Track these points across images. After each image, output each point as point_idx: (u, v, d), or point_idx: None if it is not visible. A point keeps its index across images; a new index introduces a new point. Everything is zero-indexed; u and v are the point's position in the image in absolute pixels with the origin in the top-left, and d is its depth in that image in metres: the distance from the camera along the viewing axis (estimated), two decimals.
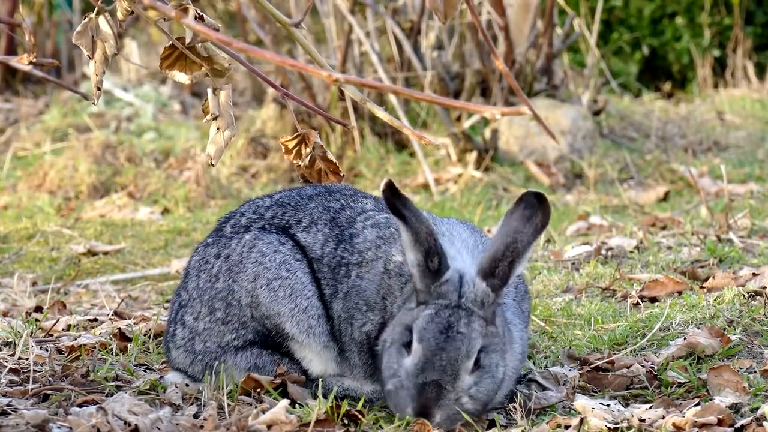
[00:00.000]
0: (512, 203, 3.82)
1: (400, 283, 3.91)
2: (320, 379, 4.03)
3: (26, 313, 5.41)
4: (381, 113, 3.82)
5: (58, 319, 5.13)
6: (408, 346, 3.73)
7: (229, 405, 3.88)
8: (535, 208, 3.78)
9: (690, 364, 4.31)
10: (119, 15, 3.87)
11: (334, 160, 4.25)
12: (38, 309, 5.50)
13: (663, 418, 3.82)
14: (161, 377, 4.25)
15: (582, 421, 3.75)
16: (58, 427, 3.67)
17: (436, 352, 3.67)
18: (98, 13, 3.92)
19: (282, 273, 4.04)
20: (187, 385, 4.12)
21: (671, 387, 4.17)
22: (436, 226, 4.00)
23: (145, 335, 4.86)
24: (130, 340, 4.77)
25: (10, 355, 4.49)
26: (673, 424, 3.75)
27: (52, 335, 4.92)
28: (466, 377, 3.70)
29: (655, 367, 4.27)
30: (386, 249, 4.00)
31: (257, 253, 4.07)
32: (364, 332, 3.97)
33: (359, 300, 3.99)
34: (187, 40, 3.89)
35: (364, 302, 3.98)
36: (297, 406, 3.92)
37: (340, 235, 4.09)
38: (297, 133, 4.20)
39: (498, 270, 3.76)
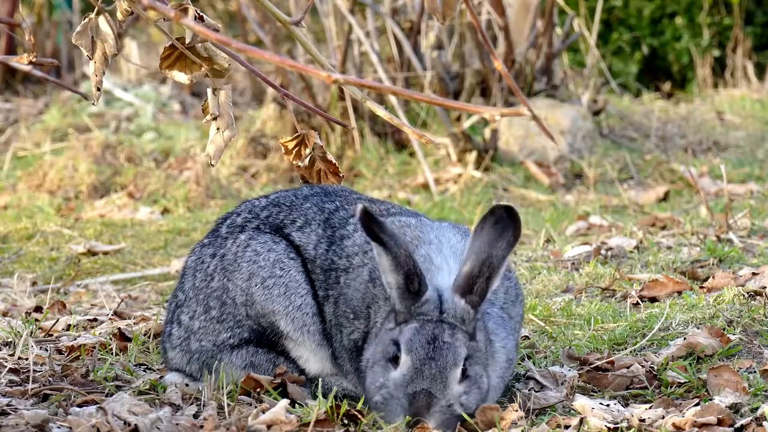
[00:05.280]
0: (481, 217, 3.80)
1: (385, 293, 3.91)
2: (320, 379, 4.04)
3: (26, 313, 5.40)
4: (381, 111, 3.82)
5: (57, 319, 5.13)
6: (394, 360, 3.75)
7: (228, 405, 3.88)
8: (506, 222, 3.77)
9: (690, 364, 4.31)
10: (119, 15, 3.87)
11: (334, 161, 4.25)
12: (38, 309, 5.50)
13: (663, 418, 3.82)
14: (161, 377, 4.26)
15: (582, 421, 3.75)
16: (58, 427, 3.67)
17: (425, 361, 3.70)
18: (98, 13, 3.92)
19: (276, 271, 4.05)
20: (186, 385, 4.12)
21: (671, 387, 4.17)
22: (424, 234, 4.01)
23: (144, 335, 4.86)
24: (129, 340, 4.77)
25: (10, 355, 4.49)
26: (673, 424, 3.75)
27: (51, 335, 4.92)
28: (455, 386, 3.72)
29: (655, 367, 4.27)
30: (372, 255, 4.00)
31: (251, 252, 4.09)
32: (352, 340, 3.99)
33: (346, 308, 4.01)
34: (187, 40, 3.89)
35: (351, 310, 4.00)
36: (297, 406, 3.92)
37: (332, 236, 4.11)
38: (297, 134, 4.20)
39: (476, 287, 3.77)
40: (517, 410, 3.80)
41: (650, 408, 3.92)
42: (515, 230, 3.78)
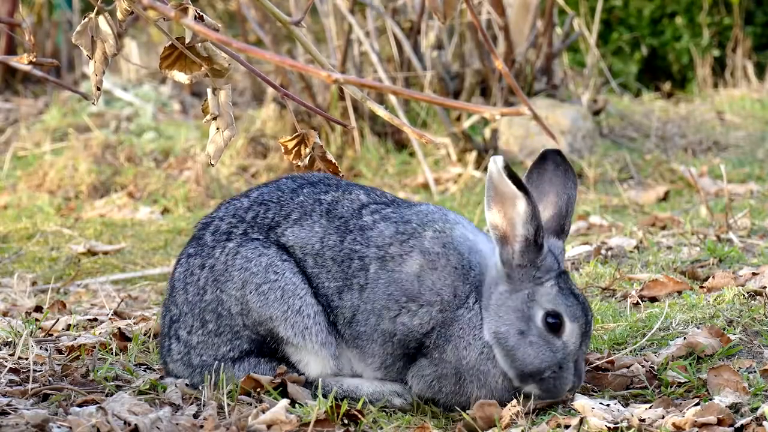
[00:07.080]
0: (534, 163, 4.02)
1: (464, 276, 3.96)
2: (320, 379, 4.02)
3: (26, 313, 5.40)
4: (381, 111, 3.82)
5: (57, 319, 5.12)
6: (556, 329, 3.85)
7: (228, 405, 3.88)
8: (564, 164, 4.01)
9: (690, 364, 4.31)
10: (119, 15, 3.87)
11: (334, 161, 4.25)
12: (38, 309, 5.50)
13: (663, 418, 3.82)
14: (161, 377, 4.25)
15: (582, 420, 3.75)
16: (58, 427, 3.66)
17: (588, 322, 3.90)
18: (98, 13, 3.92)
19: (270, 276, 3.97)
20: (187, 384, 4.12)
21: (671, 387, 4.17)
22: (450, 217, 4.08)
23: (144, 335, 4.86)
24: (129, 339, 4.77)
25: (10, 355, 4.49)
26: (673, 424, 3.75)
27: (52, 335, 4.92)
28: None
29: (655, 367, 4.27)
30: (414, 243, 3.97)
31: (242, 259, 3.99)
32: (402, 323, 3.93)
33: (396, 291, 3.94)
34: (187, 40, 3.89)
35: (403, 294, 3.93)
36: (297, 405, 3.92)
37: (343, 227, 4.02)
38: (296, 134, 4.19)
39: (565, 226, 4.00)
40: (515, 406, 3.80)
41: (650, 408, 3.92)
42: (573, 170, 4.00)
